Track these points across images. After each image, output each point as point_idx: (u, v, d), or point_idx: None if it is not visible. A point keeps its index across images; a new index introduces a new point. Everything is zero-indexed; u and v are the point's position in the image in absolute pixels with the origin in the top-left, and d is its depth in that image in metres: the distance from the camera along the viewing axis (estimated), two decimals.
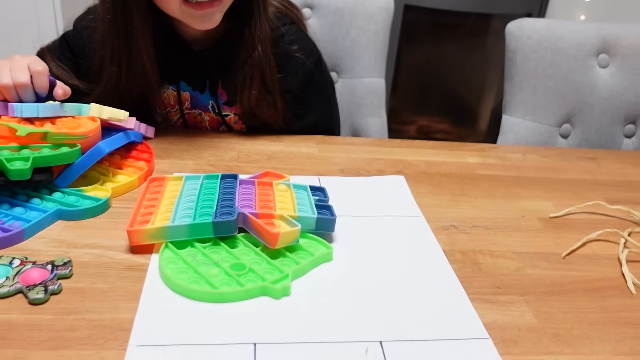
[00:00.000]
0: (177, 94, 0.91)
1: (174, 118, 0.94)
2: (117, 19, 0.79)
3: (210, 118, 0.93)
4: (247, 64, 0.84)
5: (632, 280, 0.60)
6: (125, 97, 0.84)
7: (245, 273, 0.54)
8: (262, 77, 0.85)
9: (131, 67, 0.82)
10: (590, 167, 0.90)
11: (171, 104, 0.92)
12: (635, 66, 1.05)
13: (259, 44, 0.83)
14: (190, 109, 0.93)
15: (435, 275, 0.58)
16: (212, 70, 0.89)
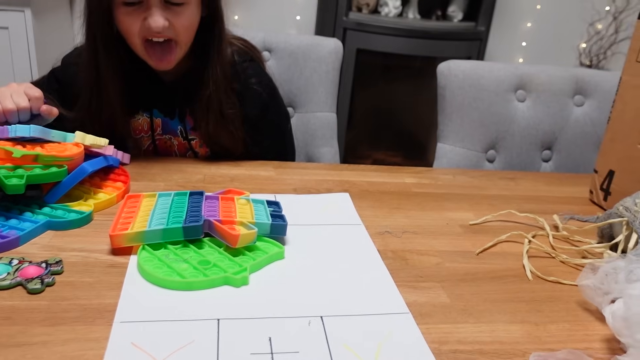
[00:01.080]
0: (150, 120, 1.03)
1: (146, 143, 1.05)
2: (90, 53, 0.92)
3: (178, 143, 1.05)
4: (205, 100, 0.98)
5: (530, 269, 0.73)
6: (95, 122, 0.95)
7: (210, 267, 0.65)
8: (219, 111, 0.98)
9: (99, 95, 0.94)
10: (509, 185, 1.05)
11: (144, 130, 1.04)
12: (548, 100, 1.22)
13: (213, 84, 0.97)
14: (161, 135, 1.04)
15: (370, 268, 0.70)
16: (181, 100, 1.02)
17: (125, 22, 0.90)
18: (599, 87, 1.24)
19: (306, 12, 2.51)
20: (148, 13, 0.88)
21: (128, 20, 0.89)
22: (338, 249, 0.74)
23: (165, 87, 1.02)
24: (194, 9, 0.93)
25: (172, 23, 0.90)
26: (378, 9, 2.27)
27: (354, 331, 0.57)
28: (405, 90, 2.60)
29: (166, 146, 1.06)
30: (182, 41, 0.94)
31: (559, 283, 0.71)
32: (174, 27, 0.91)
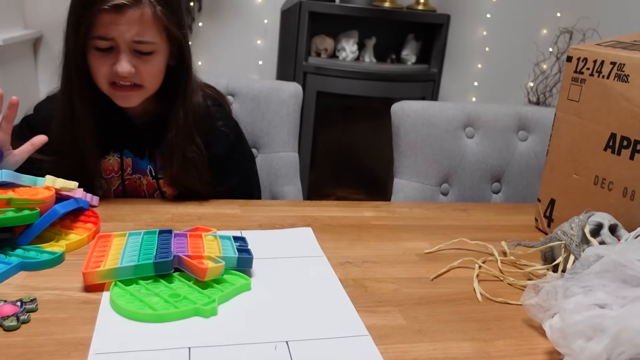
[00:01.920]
0: (121, 161, 1.07)
1: (115, 183, 1.09)
2: (65, 94, 0.98)
3: (147, 182, 1.09)
4: (168, 143, 1.03)
5: (479, 292, 0.79)
6: (66, 163, 0.99)
7: (181, 300, 0.69)
8: (182, 154, 1.04)
9: (72, 136, 0.99)
10: (462, 216, 1.12)
11: (114, 170, 1.08)
12: (494, 136, 1.31)
13: (176, 129, 1.03)
14: (131, 175, 1.08)
15: (332, 295, 0.75)
16: (149, 141, 1.07)
17: (95, 65, 0.96)
18: (540, 123, 1.34)
19: (268, 58, 2.60)
20: (117, 59, 0.95)
21: (98, 64, 0.96)
22: (302, 279, 0.79)
23: (136, 128, 1.07)
24: (161, 58, 0.99)
25: (139, 70, 0.96)
26: (336, 54, 2.38)
27: (318, 353, 0.62)
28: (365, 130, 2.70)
29: (135, 186, 1.10)
30: (148, 86, 1.00)
31: (507, 303, 0.77)
32: (140, 73, 0.97)
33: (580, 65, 0.97)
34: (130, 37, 0.93)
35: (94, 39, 0.93)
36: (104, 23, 0.92)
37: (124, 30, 0.92)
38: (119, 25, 0.92)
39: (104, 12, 0.91)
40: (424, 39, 2.51)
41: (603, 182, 0.93)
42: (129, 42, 0.94)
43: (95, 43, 0.94)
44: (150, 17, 0.94)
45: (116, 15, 0.91)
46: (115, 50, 0.95)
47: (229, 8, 2.49)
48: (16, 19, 2.28)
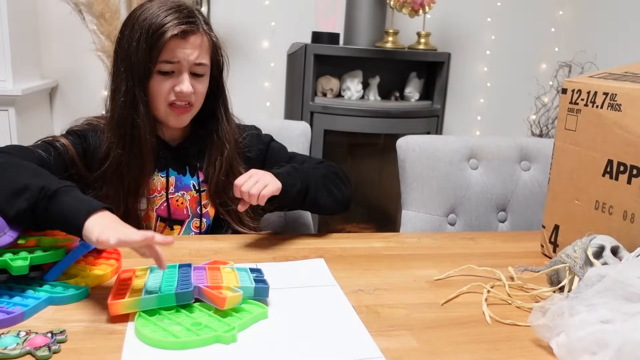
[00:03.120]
0: (166, 179, 1.14)
1: (158, 203, 1.14)
2: (128, 111, 1.06)
3: (190, 197, 1.15)
4: (218, 160, 1.14)
5: (489, 314, 0.82)
6: (124, 177, 1.07)
7: (202, 328, 0.72)
8: (230, 167, 1.14)
9: (133, 151, 1.07)
10: (469, 244, 1.15)
11: (158, 190, 1.14)
12: (497, 167, 1.36)
13: (227, 144, 1.14)
14: (174, 193, 1.14)
15: (346, 321, 0.78)
16: (191, 158, 1.16)
17: (158, 87, 1.06)
18: (542, 153, 1.38)
19: (275, 99, 2.69)
20: (178, 80, 1.06)
21: (161, 86, 1.06)
22: (316, 307, 0.82)
23: (172, 151, 1.15)
24: (208, 79, 1.12)
25: (196, 89, 1.09)
26: (341, 93, 2.45)
27: None
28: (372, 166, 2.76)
29: (177, 204, 1.15)
30: (197, 105, 1.12)
31: (515, 325, 0.80)
32: (195, 93, 1.09)
33: (575, 96, 1.02)
34: (194, 60, 1.06)
35: (161, 62, 1.04)
36: (170, 48, 1.04)
37: (188, 53, 1.05)
38: (184, 49, 1.04)
39: (172, 38, 1.03)
40: (426, 77, 2.59)
41: (604, 207, 0.96)
42: (191, 64, 1.06)
43: (160, 67, 1.05)
44: (207, 43, 1.08)
45: (181, 40, 1.04)
46: (176, 73, 1.06)
47: (238, 53, 2.59)
48: (33, 70, 2.38)
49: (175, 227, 1.15)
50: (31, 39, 2.36)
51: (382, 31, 2.44)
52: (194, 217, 1.16)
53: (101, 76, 2.39)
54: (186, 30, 1.03)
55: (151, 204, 1.14)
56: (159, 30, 1.02)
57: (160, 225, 1.14)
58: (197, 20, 1.06)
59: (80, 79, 2.52)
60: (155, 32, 1.02)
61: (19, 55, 2.17)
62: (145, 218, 1.13)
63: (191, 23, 1.04)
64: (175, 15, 1.04)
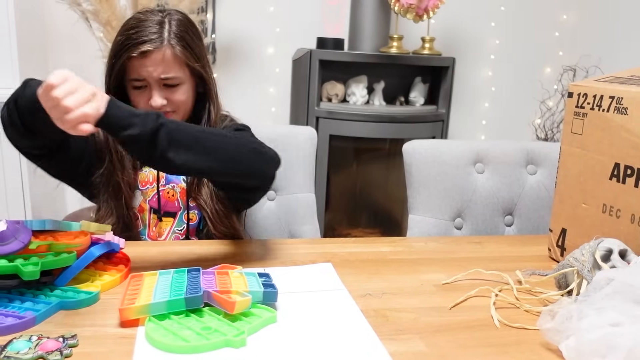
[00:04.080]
0: (157, 172, 1.17)
1: (150, 194, 1.17)
2: None
3: (181, 190, 1.17)
4: None
5: (497, 318, 0.82)
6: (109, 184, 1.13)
7: (212, 332, 0.73)
8: None
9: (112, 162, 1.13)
10: (476, 248, 1.15)
11: (150, 182, 1.17)
12: (503, 171, 1.36)
13: None
14: (165, 185, 1.16)
15: (354, 325, 0.78)
16: None
17: (135, 101, 1.13)
18: (548, 157, 1.38)
19: (280, 105, 2.70)
20: (150, 94, 1.11)
21: (137, 100, 1.12)
22: (325, 311, 0.82)
23: None
24: (187, 87, 1.14)
25: (170, 99, 1.12)
26: (346, 98, 2.46)
27: None
28: (377, 170, 2.76)
29: (168, 196, 1.17)
30: (179, 111, 1.14)
31: (524, 328, 0.80)
32: (172, 102, 1.12)
33: (581, 100, 1.02)
34: (157, 75, 1.09)
35: (130, 80, 1.11)
36: (134, 67, 1.09)
37: (151, 70, 1.09)
38: (146, 67, 1.08)
39: (133, 59, 1.08)
40: (431, 81, 2.59)
41: (611, 210, 0.96)
42: (157, 79, 1.09)
43: (132, 84, 1.11)
44: (170, 57, 1.09)
45: (143, 59, 1.08)
46: (148, 86, 1.11)
47: (242, 60, 2.60)
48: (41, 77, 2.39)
49: (168, 220, 1.17)
50: (39, 46, 2.38)
51: (386, 36, 2.45)
52: (185, 210, 1.17)
53: None
54: (144, 51, 1.06)
55: (144, 196, 1.17)
56: (119, 52, 1.08)
57: (154, 217, 1.17)
58: (162, 35, 1.08)
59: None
60: (116, 53, 1.09)
61: (26, 63, 2.18)
62: (140, 210, 1.17)
63: (151, 41, 1.07)
64: (138, 34, 1.07)
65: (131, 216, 1.15)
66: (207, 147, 0.92)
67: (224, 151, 0.96)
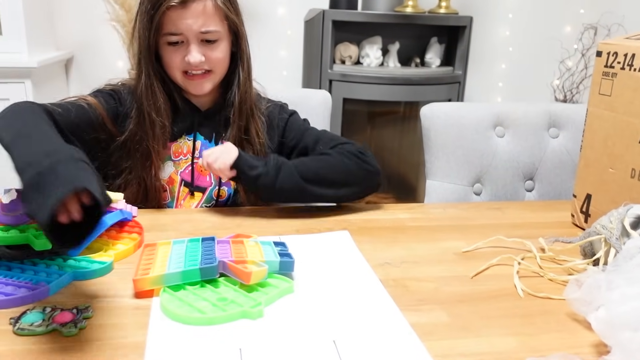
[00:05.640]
0: (192, 143, 1.12)
1: (183, 166, 1.12)
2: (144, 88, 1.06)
3: None
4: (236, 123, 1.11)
5: (521, 287, 0.80)
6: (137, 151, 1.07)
7: (228, 303, 0.71)
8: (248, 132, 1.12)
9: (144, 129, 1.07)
10: (497, 215, 1.12)
11: (183, 153, 1.12)
12: (524, 134, 1.31)
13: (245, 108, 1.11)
14: (199, 158, 1.12)
15: (373, 295, 0.76)
16: (217, 124, 1.13)
17: (169, 58, 1.05)
18: (571, 119, 1.33)
19: (292, 68, 2.63)
20: (187, 50, 1.04)
21: (171, 57, 1.05)
22: (343, 281, 0.80)
23: (202, 116, 1.13)
24: (225, 44, 1.07)
25: (208, 57, 1.05)
26: (360, 60, 2.40)
27: (365, 352, 0.63)
28: (391, 134, 2.71)
29: (201, 170, 1.13)
30: (217, 71, 1.08)
31: (549, 298, 0.77)
32: (209, 60, 1.05)
33: (611, 59, 0.97)
34: (197, 29, 1.02)
35: (165, 35, 1.03)
36: (172, 19, 1.01)
37: (190, 23, 1.01)
38: (186, 20, 1.01)
39: (171, 9, 1.00)
40: (447, 42, 2.52)
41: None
42: (196, 33, 1.02)
43: (166, 39, 1.03)
44: (212, 8, 1.03)
45: (182, 10, 1.00)
46: (185, 43, 1.04)
47: (252, 22, 2.53)
48: (48, 41, 2.35)
49: (197, 194, 1.14)
50: (45, 10, 2.33)
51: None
52: (216, 185, 1.14)
53: (116, 46, 2.36)
54: (184, 0, 0.99)
55: (176, 166, 1.12)
56: (157, 2, 1.00)
57: (184, 190, 1.13)
58: None
59: (96, 50, 2.49)
60: (154, 4, 1.00)
61: (33, 27, 2.14)
62: (169, 181, 1.12)
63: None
64: None
65: (157, 187, 1.10)
66: (327, 180, 1.05)
67: (340, 178, 1.07)
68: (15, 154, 0.73)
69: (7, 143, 0.76)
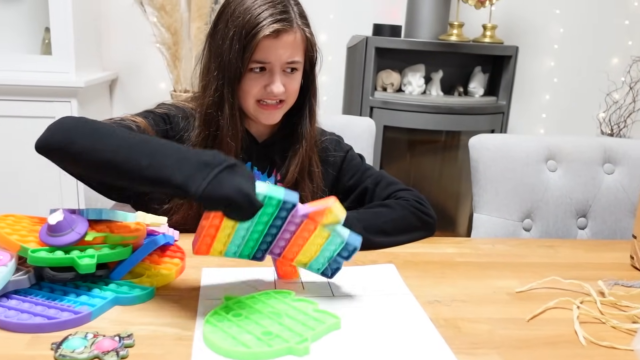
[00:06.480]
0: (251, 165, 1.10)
1: None
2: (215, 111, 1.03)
3: None
4: (295, 158, 1.09)
5: (582, 335, 0.74)
6: None
7: (273, 338, 0.68)
8: (307, 166, 1.10)
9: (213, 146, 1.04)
10: (549, 253, 1.07)
11: None
12: (577, 169, 1.26)
13: (305, 142, 1.09)
14: None
15: (424, 336, 0.72)
16: (273, 156, 1.12)
17: (250, 85, 1.03)
18: (627, 155, 1.28)
19: (333, 94, 2.63)
20: (270, 80, 1.02)
21: (253, 85, 1.03)
22: (391, 318, 0.76)
23: (258, 147, 1.12)
24: (300, 75, 1.07)
25: (287, 87, 1.04)
26: (402, 88, 2.38)
27: None
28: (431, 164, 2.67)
29: None
30: (289, 102, 1.07)
31: (613, 348, 0.72)
32: (287, 90, 1.04)
33: None
34: (285, 60, 1.01)
35: (252, 62, 1.01)
36: (263, 48, 0.99)
37: (281, 53, 1.00)
38: (277, 50, 1.00)
39: (265, 38, 0.98)
40: (491, 72, 2.48)
41: None
42: (283, 63, 1.02)
43: (252, 66, 1.01)
44: (300, 39, 1.03)
45: (275, 40, 0.99)
46: (268, 71, 1.02)
47: None
48: (95, 62, 2.41)
49: None
50: (94, 32, 2.39)
51: (445, 23, 2.35)
52: None
53: (160, 68, 2.40)
54: (279, 30, 0.98)
55: None
56: (252, 31, 0.98)
57: None
58: (291, 15, 1.01)
59: (140, 71, 2.54)
60: (248, 32, 0.98)
61: (82, 49, 2.20)
62: None
63: (285, 20, 0.99)
64: (269, 11, 0.98)
65: None
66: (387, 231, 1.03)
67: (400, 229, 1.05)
68: (168, 164, 0.70)
69: (145, 165, 0.72)
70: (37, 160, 0.85)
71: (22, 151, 2.09)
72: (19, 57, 2.20)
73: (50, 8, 2.08)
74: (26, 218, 0.85)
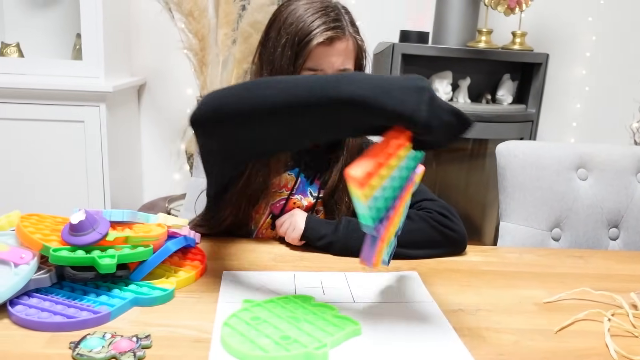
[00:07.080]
0: (295, 180, 1.09)
1: (276, 198, 1.09)
2: None
3: (307, 202, 1.10)
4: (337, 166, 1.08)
5: (614, 348, 0.71)
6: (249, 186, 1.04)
7: (291, 343, 0.67)
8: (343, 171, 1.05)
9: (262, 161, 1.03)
10: (579, 263, 1.03)
11: (279, 186, 1.09)
12: (609, 178, 1.22)
13: (348, 151, 1.08)
14: (294, 194, 1.09)
15: (447, 345, 0.70)
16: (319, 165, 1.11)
17: None
18: None
19: None
20: None
21: None
22: (413, 325, 0.74)
23: (309, 153, 1.11)
24: None
25: None
26: None
27: None
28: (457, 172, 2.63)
29: (293, 206, 1.09)
30: None
31: None
32: None
33: None
34: (337, 67, 1.01)
35: (304, 69, 1.00)
36: (316, 55, 0.99)
37: (333, 61, 1.00)
38: (329, 57, 0.99)
39: (318, 46, 0.98)
40: (520, 79, 2.43)
41: None
42: (335, 71, 1.01)
43: (304, 73, 1.00)
44: (352, 47, 1.02)
45: (328, 47, 0.99)
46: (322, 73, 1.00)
47: None
48: (124, 67, 2.44)
49: None
50: (123, 37, 2.43)
51: (473, 30, 2.32)
52: None
53: (187, 74, 2.42)
54: (332, 37, 0.98)
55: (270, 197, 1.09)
56: (305, 38, 0.98)
57: (268, 221, 1.09)
58: (343, 23, 1.00)
59: (167, 77, 2.57)
60: (301, 39, 0.98)
61: (111, 54, 2.23)
62: (257, 209, 1.09)
63: (337, 28, 0.99)
64: (322, 19, 0.98)
65: (250, 217, 1.09)
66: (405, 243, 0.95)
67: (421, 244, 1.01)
68: None
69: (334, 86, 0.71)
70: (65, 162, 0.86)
71: (51, 153, 2.12)
72: (50, 62, 2.24)
73: (82, 15, 2.11)
74: (49, 217, 0.86)
